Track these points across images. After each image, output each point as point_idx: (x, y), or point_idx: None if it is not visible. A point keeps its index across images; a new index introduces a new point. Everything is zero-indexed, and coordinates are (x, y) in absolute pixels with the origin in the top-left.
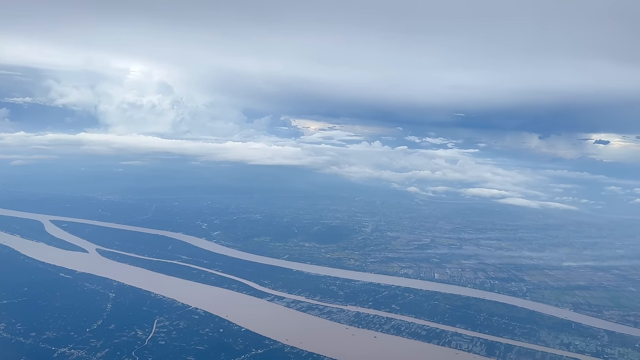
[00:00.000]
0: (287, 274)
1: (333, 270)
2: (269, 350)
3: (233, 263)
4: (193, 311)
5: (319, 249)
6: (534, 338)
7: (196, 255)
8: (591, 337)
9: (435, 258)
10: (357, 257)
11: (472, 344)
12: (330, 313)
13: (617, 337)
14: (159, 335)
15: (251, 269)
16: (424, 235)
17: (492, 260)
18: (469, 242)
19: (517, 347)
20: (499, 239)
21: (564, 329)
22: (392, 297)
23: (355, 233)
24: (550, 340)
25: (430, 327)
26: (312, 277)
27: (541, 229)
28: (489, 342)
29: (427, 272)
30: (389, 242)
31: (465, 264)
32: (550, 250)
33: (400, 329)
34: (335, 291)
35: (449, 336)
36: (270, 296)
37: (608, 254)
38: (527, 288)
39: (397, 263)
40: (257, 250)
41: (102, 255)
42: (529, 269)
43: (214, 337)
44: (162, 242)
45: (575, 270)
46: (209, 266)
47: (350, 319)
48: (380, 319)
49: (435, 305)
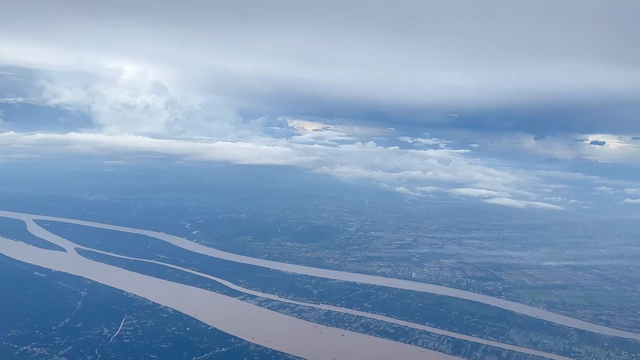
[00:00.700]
0: (264, 273)
1: (311, 269)
2: (233, 349)
3: (210, 262)
4: (163, 310)
5: (300, 248)
6: (503, 336)
7: (174, 255)
8: (560, 336)
9: (415, 257)
10: (336, 256)
11: (439, 342)
12: (301, 312)
13: (587, 335)
14: (125, 334)
15: (228, 268)
16: (407, 234)
17: (472, 260)
18: (452, 241)
19: (484, 346)
20: (482, 238)
21: (534, 328)
22: (366, 296)
23: (339, 232)
24: (519, 338)
25: (399, 325)
26: (288, 276)
27: (526, 228)
28: (456, 340)
29: (404, 271)
30: (371, 241)
31: (445, 263)
32: (533, 249)
33: (369, 327)
34: (309, 290)
35: (417, 334)
36: (243, 295)
37: (590, 254)
38: (503, 287)
39: (376, 262)
40: (237, 249)
41: (80, 254)
42: (508, 268)
43: (180, 335)
44: (142, 242)
45: (555, 269)
46: (186, 265)
47: (320, 318)
48: (351, 318)
49: (407, 303)
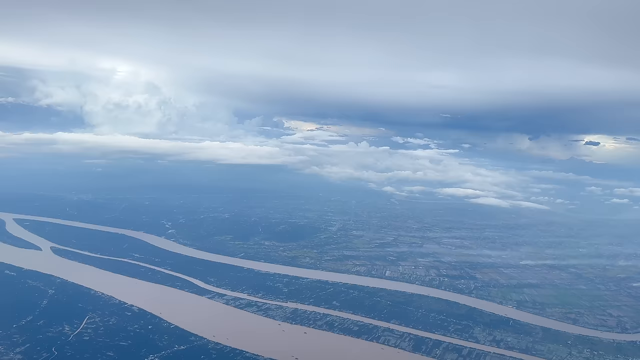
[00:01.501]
0: (237, 272)
1: (285, 268)
2: (192, 347)
3: (184, 261)
4: (128, 308)
5: (278, 247)
6: (467, 334)
7: (149, 254)
8: (525, 334)
9: (392, 256)
10: (313, 255)
11: (401, 340)
12: (268, 310)
13: (552, 334)
14: (86, 331)
15: (201, 267)
16: (388, 234)
17: (449, 259)
18: (432, 240)
19: (445, 343)
20: (463, 237)
21: (500, 326)
22: (336, 294)
23: (320, 232)
24: (483, 336)
25: (364, 323)
26: (261, 275)
27: (509, 228)
28: (419, 337)
29: (379, 270)
30: (351, 240)
31: (421, 261)
32: (512, 249)
33: (334, 325)
34: (279, 288)
35: (380, 332)
36: (211, 294)
37: (570, 253)
38: (476, 285)
39: (352, 261)
40: (214, 248)
41: (55, 253)
42: (483, 267)
43: (141, 333)
44: (119, 241)
45: (531, 268)
46: (159, 264)
47: (286, 316)
48: (317, 315)
49: (376, 301)
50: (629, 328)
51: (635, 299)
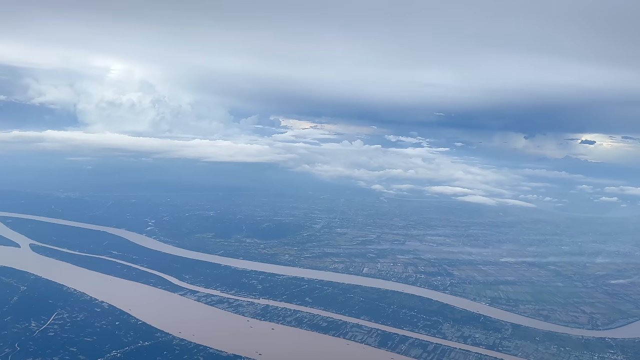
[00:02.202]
0: (213, 269)
1: (263, 265)
2: (156, 342)
3: (162, 259)
4: (98, 304)
5: (259, 244)
6: (435, 330)
7: (128, 251)
8: (494, 330)
9: (372, 253)
10: (293, 252)
11: (368, 335)
12: (239, 306)
13: (522, 330)
14: (52, 327)
15: (178, 265)
16: (372, 231)
17: (429, 256)
18: (415, 238)
19: (412, 339)
20: (447, 235)
21: (470, 322)
22: (310, 291)
23: (304, 229)
24: (451, 332)
25: (333, 319)
26: (237, 272)
27: (495, 226)
28: (386, 333)
29: (357, 267)
30: (334, 238)
31: (400, 258)
32: (494, 246)
33: (303, 321)
34: (254, 285)
35: (349, 328)
36: (184, 290)
37: (552, 251)
38: (452, 282)
39: (332, 258)
40: (193, 246)
41: (33, 250)
42: (462, 264)
43: (107, 329)
44: (99, 238)
45: (510, 266)
46: (136, 261)
47: (256, 312)
48: (287, 312)
49: (349, 298)
50: (600, 325)
51: (610, 296)
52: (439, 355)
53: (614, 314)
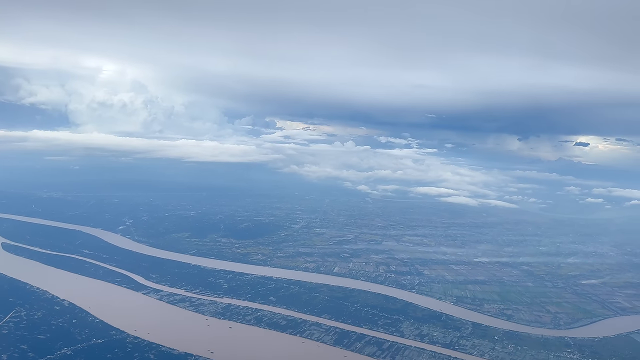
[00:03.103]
0: (182, 268)
1: (234, 264)
2: (109, 340)
3: (132, 258)
4: (59, 302)
5: (234, 244)
6: (393, 329)
7: (99, 250)
8: (454, 329)
9: (346, 253)
10: (267, 252)
11: (325, 334)
12: (201, 305)
13: (482, 329)
14: (7, 325)
15: (147, 264)
16: (351, 231)
17: (403, 255)
18: (393, 238)
19: (369, 337)
20: (425, 235)
21: (430, 321)
22: (276, 290)
23: (282, 229)
24: (409, 331)
25: (294, 318)
26: (206, 271)
27: (476, 226)
28: (344, 331)
29: (328, 266)
30: (311, 238)
31: (374, 258)
32: (471, 246)
33: (262, 320)
34: (220, 284)
35: (308, 326)
36: (148, 289)
37: (528, 251)
38: (420, 281)
39: (304, 258)
40: (167, 245)
41: (4, 249)
42: (434, 264)
43: (63, 327)
44: (74, 237)
45: (483, 265)
46: (106, 260)
47: (216, 311)
48: (248, 310)
49: (314, 297)
50: (562, 324)
51: (578, 296)
52: (392, 353)
53: (578, 313)
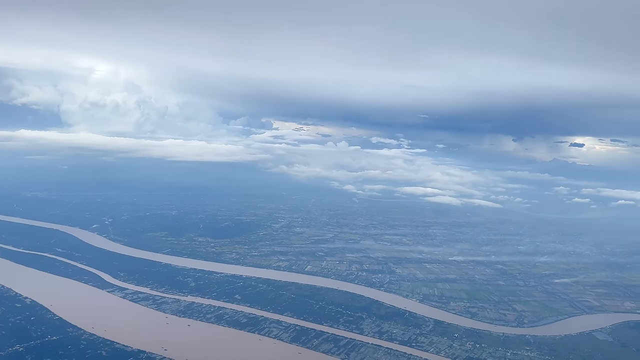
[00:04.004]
0: (152, 267)
1: (205, 263)
2: (64, 337)
3: (105, 256)
4: (21, 300)
5: (210, 243)
6: (354, 326)
7: (73, 249)
8: (415, 327)
9: (322, 252)
10: (242, 251)
11: (284, 331)
12: (163, 303)
13: (443, 327)
14: None
15: (117, 262)
16: (331, 231)
17: (378, 254)
18: (372, 237)
19: (327, 334)
20: (405, 234)
21: (393, 318)
22: (242, 288)
23: (262, 229)
24: (370, 328)
25: (255, 316)
26: (176, 270)
27: (458, 225)
28: (304, 329)
29: (301, 265)
30: (289, 237)
31: (349, 257)
32: (449, 245)
33: (222, 318)
34: (187, 283)
35: (268, 324)
36: (113, 287)
37: (506, 250)
38: (390, 280)
39: (279, 256)
40: (142, 244)
41: None
42: (408, 262)
43: (20, 324)
44: (49, 236)
45: (457, 264)
46: (77, 259)
47: (178, 309)
48: (211, 309)
49: (281, 295)
50: (526, 322)
51: (548, 295)
52: (348, 350)
53: (544, 312)
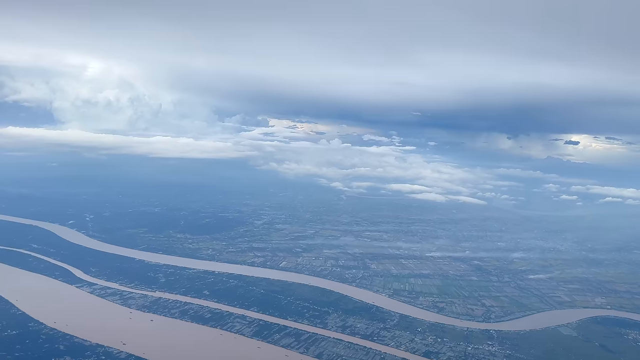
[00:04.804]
0: (125, 263)
1: (179, 259)
2: (24, 332)
3: (80, 252)
4: None
5: (188, 239)
6: (318, 321)
7: (49, 245)
8: (379, 321)
9: (300, 248)
10: (219, 247)
11: (247, 326)
12: (130, 299)
13: (408, 321)
14: None
15: (91, 258)
16: (313, 227)
17: (356, 250)
18: (352, 233)
19: (290, 329)
20: (387, 231)
21: (359, 313)
22: (212, 284)
23: (244, 225)
24: (334, 323)
25: (220, 311)
26: (149, 266)
27: (441, 222)
28: (268, 323)
29: (276, 261)
30: (270, 233)
31: (326, 253)
32: (428, 242)
33: (187, 313)
34: (158, 279)
35: (232, 319)
36: (82, 283)
37: (485, 246)
38: (363, 275)
39: (255, 253)
40: (119, 241)
41: None
42: (385, 258)
43: None
44: (27, 232)
45: (434, 260)
46: (51, 255)
47: (144, 304)
48: (176, 304)
49: (250, 290)
50: (492, 317)
51: (520, 290)
52: (308, 344)
53: (513, 307)
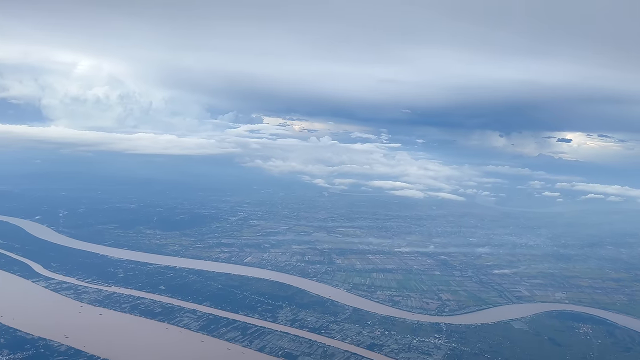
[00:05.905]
0: (88, 258)
1: (142, 254)
2: None
3: (44, 247)
4: None
5: (156, 235)
6: (269, 315)
7: (14, 241)
8: (331, 315)
9: (268, 244)
10: (187, 243)
11: (195, 320)
12: (83, 293)
13: (360, 314)
14: None
15: (55, 253)
16: (287, 223)
17: (325, 246)
18: (326, 229)
19: (238, 323)
20: (361, 227)
21: (312, 307)
22: (170, 279)
23: (217, 221)
24: (284, 317)
25: (172, 306)
26: (111, 261)
27: (418, 218)
28: (217, 318)
29: (241, 256)
30: (242, 229)
31: (294, 248)
32: (399, 237)
33: (137, 308)
34: (116, 274)
35: (182, 314)
36: (39, 277)
37: (456, 242)
38: (326, 270)
39: (222, 248)
40: (87, 237)
41: None
42: (352, 254)
43: None
44: None
45: (401, 255)
46: (15, 250)
47: (96, 299)
48: (129, 299)
49: (207, 285)
50: (446, 311)
51: (480, 285)
52: (253, 338)
53: (469, 301)
